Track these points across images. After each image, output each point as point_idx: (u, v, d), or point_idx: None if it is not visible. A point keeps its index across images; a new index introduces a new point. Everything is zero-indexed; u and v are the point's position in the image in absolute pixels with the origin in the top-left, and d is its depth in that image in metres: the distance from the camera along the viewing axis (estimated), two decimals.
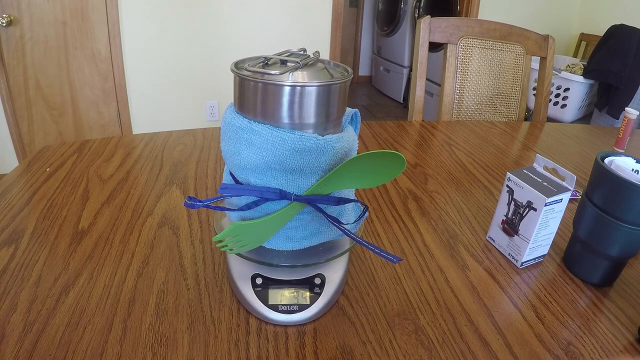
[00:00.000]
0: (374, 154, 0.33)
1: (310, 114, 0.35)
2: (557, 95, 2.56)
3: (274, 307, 0.41)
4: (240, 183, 0.38)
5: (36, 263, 0.47)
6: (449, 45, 1.17)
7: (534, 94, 1.41)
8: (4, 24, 2.02)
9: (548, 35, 1.23)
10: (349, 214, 0.42)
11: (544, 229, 0.49)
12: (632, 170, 0.48)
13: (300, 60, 0.35)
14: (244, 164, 0.36)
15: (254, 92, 0.34)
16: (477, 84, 1.23)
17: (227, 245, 0.38)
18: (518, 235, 0.51)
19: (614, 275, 0.49)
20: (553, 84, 2.54)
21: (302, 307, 0.41)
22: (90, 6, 2.14)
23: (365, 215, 0.43)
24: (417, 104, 1.17)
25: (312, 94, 0.33)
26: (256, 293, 0.41)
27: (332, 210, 0.39)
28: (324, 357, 0.38)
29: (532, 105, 1.60)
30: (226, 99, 2.56)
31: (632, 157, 0.49)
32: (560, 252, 0.55)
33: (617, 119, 2.32)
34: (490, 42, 1.22)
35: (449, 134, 0.97)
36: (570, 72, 2.52)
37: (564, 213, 0.50)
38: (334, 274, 0.43)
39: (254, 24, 2.43)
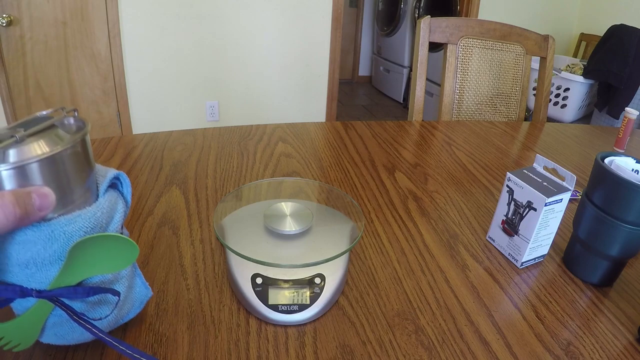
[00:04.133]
0: (95, 238, 0.29)
1: None
2: (557, 95, 2.57)
3: (274, 307, 0.41)
4: None
5: None
6: (449, 45, 1.17)
7: (534, 94, 1.41)
8: (4, 24, 2.02)
9: (548, 35, 1.23)
10: (113, 302, 0.35)
11: (544, 229, 0.49)
12: (632, 170, 0.48)
13: (24, 132, 0.27)
14: None
15: None
16: (477, 84, 1.23)
17: (7, 344, 0.32)
18: (518, 235, 0.51)
19: (614, 275, 0.49)
20: (553, 84, 2.54)
21: (302, 307, 0.41)
22: (90, 6, 2.14)
23: None
24: (417, 104, 1.17)
25: (34, 171, 0.26)
26: (256, 293, 0.41)
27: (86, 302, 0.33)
28: (324, 357, 0.38)
29: (532, 105, 1.60)
30: (226, 99, 2.56)
31: (632, 157, 0.49)
32: (560, 252, 0.55)
33: (617, 119, 2.33)
34: (490, 42, 1.22)
35: (449, 134, 0.97)
36: (570, 72, 2.52)
37: (564, 213, 0.50)
38: (334, 274, 0.43)
39: (254, 24, 2.43)
